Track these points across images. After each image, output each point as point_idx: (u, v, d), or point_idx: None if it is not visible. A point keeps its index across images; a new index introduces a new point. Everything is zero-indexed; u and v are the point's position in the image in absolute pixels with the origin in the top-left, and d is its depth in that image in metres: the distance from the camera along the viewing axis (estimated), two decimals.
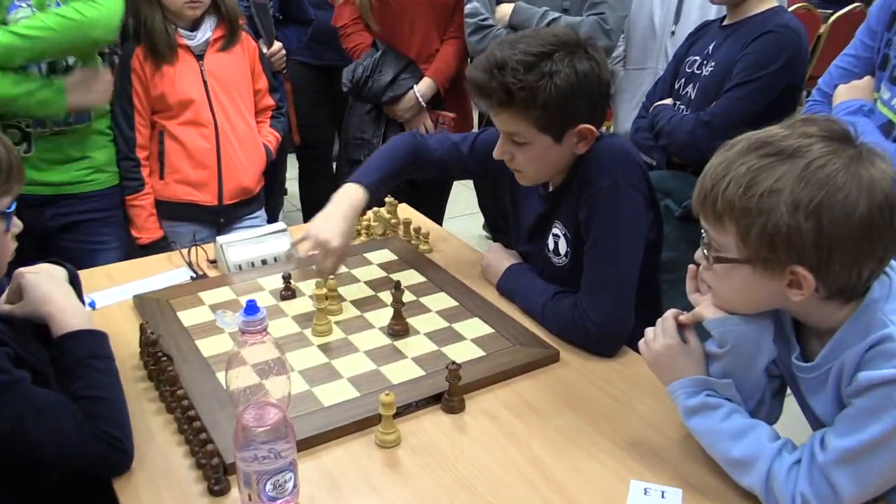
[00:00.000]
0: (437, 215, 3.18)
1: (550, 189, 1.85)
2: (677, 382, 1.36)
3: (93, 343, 1.42)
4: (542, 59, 1.58)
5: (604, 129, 1.79)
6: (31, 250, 1.69)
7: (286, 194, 4.30)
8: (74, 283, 1.53)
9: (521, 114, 1.62)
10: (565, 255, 1.82)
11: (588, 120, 1.67)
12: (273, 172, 2.95)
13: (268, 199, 2.93)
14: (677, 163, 2.35)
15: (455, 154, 1.94)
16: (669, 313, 1.40)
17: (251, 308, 1.21)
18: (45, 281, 1.44)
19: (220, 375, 1.60)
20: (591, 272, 1.69)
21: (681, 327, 1.37)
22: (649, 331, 1.42)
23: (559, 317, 1.73)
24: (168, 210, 2.67)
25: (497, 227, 3.54)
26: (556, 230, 1.83)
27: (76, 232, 2.49)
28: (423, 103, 3.00)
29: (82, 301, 1.50)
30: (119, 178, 2.56)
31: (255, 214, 2.82)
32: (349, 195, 1.85)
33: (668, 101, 2.41)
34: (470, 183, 3.69)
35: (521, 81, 1.58)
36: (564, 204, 1.80)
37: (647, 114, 2.46)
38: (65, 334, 1.39)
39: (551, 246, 1.85)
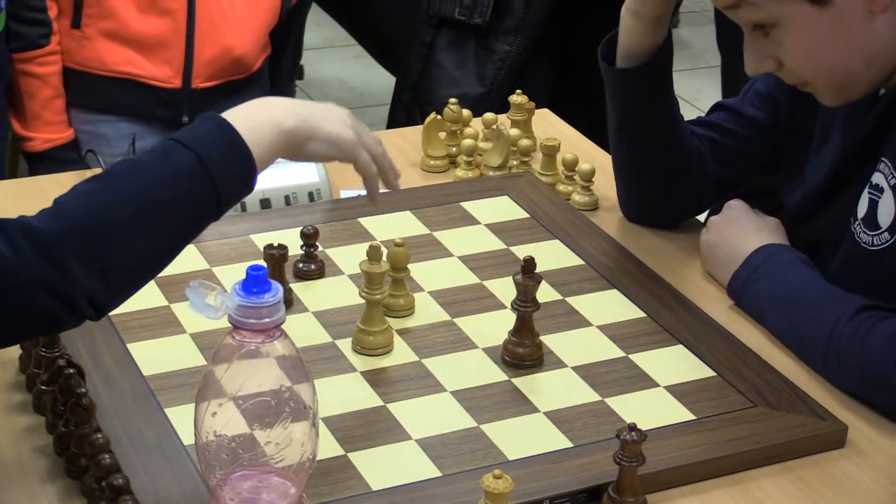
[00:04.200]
0: (605, 134, 3.15)
1: (881, 91, 1.85)
2: None
3: None
4: None
5: None
6: None
7: (301, 79, 4.35)
8: None
9: None
10: (889, 230, 1.81)
11: None
12: (285, 34, 2.99)
13: (274, 82, 2.97)
14: None
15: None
16: None
17: (256, 280, 1.22)
18: None
19: (177, 412, 1.62)
20: None
21: None
22: None
23: (864, 355, 1.74)
24: (85, 91, 2.72)
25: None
26: (880, 177, 1.82)
27: None
28: None
29: None
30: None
31: None
32: None
33: None
34: None
35: None
36: None
37: None
38: None
39: (862, 210, 1.84)
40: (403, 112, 3.14)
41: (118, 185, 1.42)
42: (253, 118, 1.48)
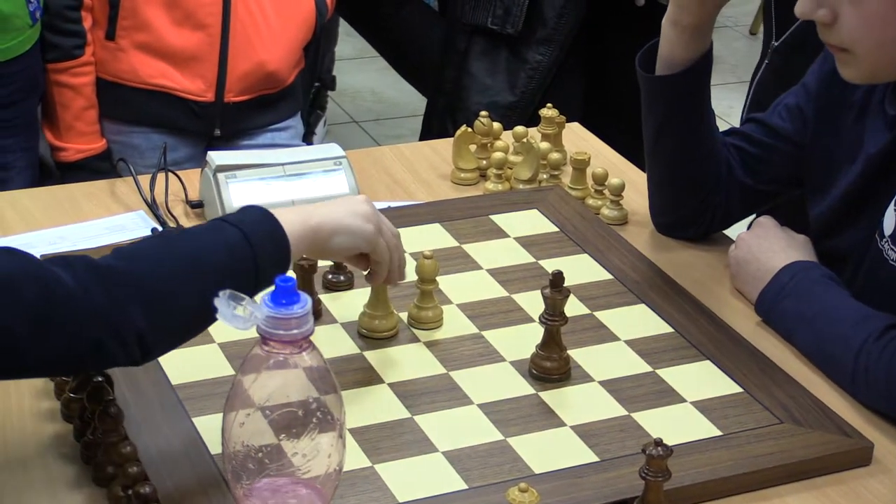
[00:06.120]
0: (636, 149, 3.15)
1: None
2: None
3: None
4: None
5: None
6: None
7: (333, 89, 4.35)
8: None
9: None
10: None
11: None
12: (315, 47, 3.01)
13: (305, 97, 3.00)
14: None
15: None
16: None
17: (285, 291, 1.22)
18: None
19: (204, 422, 1.63)
20: None
21: None
22: None
23: (892, 373, 1.74)
24: (118, 103, 2.73)
25: None
26: None
27: None
28: None
29: None
30: (34, 40, 2.63)
31: (282, 124, 2.89)
32: None
33: None
34: None
35: None
36: None
37: None
38: None
39: (889, 227, 1.84)
40: (437, 121, 3.15)
41: (174, 245, 1.51)
42: (287, 213, 1.59)
